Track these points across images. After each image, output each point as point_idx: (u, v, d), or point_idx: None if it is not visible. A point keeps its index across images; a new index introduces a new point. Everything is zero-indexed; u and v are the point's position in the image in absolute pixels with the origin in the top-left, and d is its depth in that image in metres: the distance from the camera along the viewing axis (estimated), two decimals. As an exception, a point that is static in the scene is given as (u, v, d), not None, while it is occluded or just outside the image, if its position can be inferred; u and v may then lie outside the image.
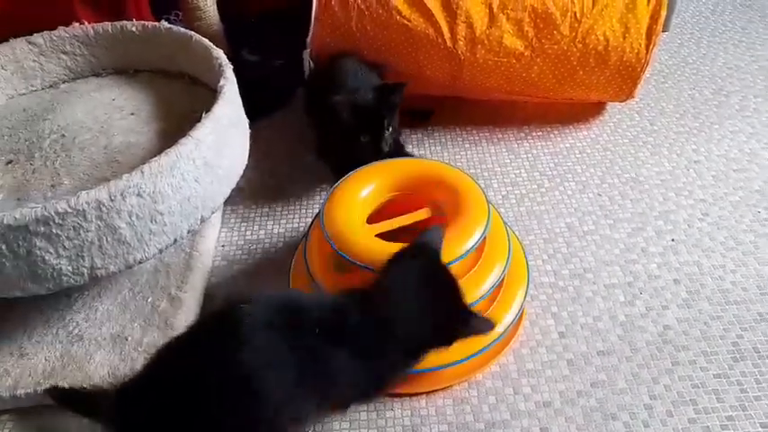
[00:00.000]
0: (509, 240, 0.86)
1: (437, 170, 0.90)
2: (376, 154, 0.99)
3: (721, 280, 0.93)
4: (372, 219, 0.86)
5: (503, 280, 0.83)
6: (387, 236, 0.81)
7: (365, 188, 0.87)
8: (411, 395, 0.80)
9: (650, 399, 0.79)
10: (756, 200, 1.06)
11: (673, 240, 1.00)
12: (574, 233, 1.02)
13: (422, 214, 0.85)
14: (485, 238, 0.81)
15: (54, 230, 0.71)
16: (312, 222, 0.93)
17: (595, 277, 0.94)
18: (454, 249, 0.77)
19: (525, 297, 0.85)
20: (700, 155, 1.17)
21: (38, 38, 1.04)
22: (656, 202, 1.07)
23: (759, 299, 0.90)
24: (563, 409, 0.78)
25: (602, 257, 0.98)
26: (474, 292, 0.78)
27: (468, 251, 0.78)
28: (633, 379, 0.81)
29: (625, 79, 1.17)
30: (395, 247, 0.78)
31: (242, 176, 0.96)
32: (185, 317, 0.87)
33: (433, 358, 0.75)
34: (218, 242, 1.03)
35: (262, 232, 1.05)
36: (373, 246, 0.79)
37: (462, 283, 0.78)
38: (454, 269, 0.77)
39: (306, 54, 1.20)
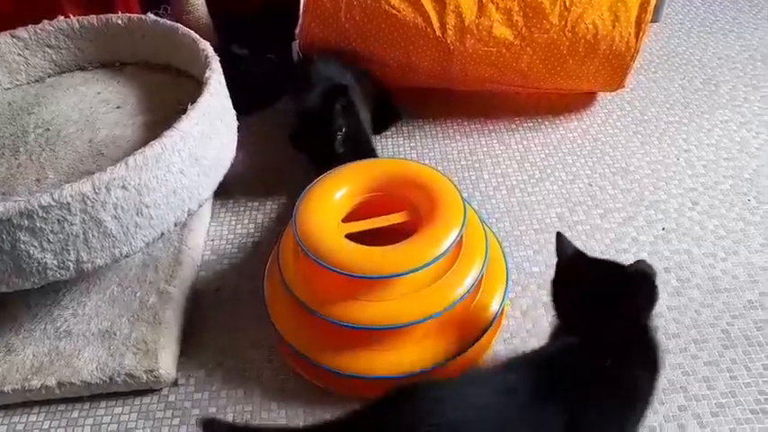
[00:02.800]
0: (486, 239, 0.85)
1: (413, 170, 0.89)
2: (331, 156, 0.98)
3: (712, 268, 0.93)
4: (349, 219, 0.85)
5: (482, 279, 0.82)
6: (362, 237, 0.80)
7: (340, 189, 0.86)
8: None
9: (641, 387, 0.79)
10: (746, 188, 1.06)
11: (663, 229, 1.00)
12: (564, 223, 1.02)
13: (398, 218, 0.84)
14: (462, 237, 0.80)
15: (38, 224, 0.70)
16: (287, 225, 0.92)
17: (586, 267, 0.94)
18: (432, 250, 0.76)
19: (505, 295, 0.84)
20: (690, 144, 1.17)
21: (22, 32, 1.03)
22: (647, 191, 1.07)
23: (749, 286, 0.90)
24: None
25: (592, 247, 0.97)
26: (453, 292, 0.78)
27: (445, 252, 0.77)
28: (624, 367, 0.81)
29: (615, 68, 1.17)
30: (363, 249, 0.77)
31: (231, 170, 0.95)
32: (174, 311, 0.86)
33: (405, 366, 0.76)
34: (207, 236, 1.03)
35: (251, 226, 1.05)
36: (342, 247, 0.78)
37: (440, 284, 0.78)
38: (431, 270, 0.76)
39: (294, 45, 1.19)
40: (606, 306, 0.65)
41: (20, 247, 0.71)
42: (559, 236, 0.73)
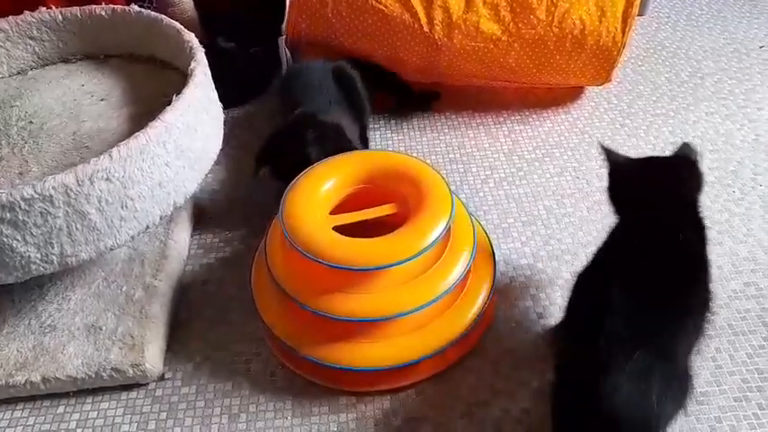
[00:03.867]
0: (474, 231, 0.85)
1: (400, 162, 0.88)
2: None
3: (697, 259, 0.94)
4: (336, 212, 0.84)
5: (469, 271, 0.82)
6: (350, 229, 0.80)
7: (327, 181, 0.85)
8: (376, 392, 0.79)
9: (627, 376, 0.80)
10: (731, 180, 1.07)
11: (649, 221, 1.01)
12: (552, 215, 1.02)
13: (386, 209, 0.83)
14: (449, 229, 0.80)
15: (21, 217, 0.69)
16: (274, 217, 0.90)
17: (573, 259, 0.95)
18: (419, 242, 0.76)
19: (493, 288, 0.84)
20: (676, 136, 1.18)
21: (3, 23, 1.01)
22: (633, 183, 1.08)
23: (733, 276, 0.91)
24: (542, 388, 0.79)
25: (580, 239, 0.98)
26: (440, 284, 0.77)
27: (433, 244, 0.76)
28: (610, 357, 0.82)
29: (602, 63, 1.17)
30: (350, 241, 0.76)
31: (218, 163, 0.95)
32: (161, 305, 0.86)
33: (394, 358, 0.76)
34: (193, 229, 1.02)
35: (238, 218, 1.04)
36: (329, 239, 0.77)
37: (428, 275, 0.78)
38: (419, 262, 0.76)
39: (281, 41, 1.18)
40: (661, 193, 0.74)
41: (2, 241, 0.70)
42: (604, 148, 0.80)
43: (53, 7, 1.03)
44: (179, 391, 0.81)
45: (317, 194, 0.84)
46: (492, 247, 0.90)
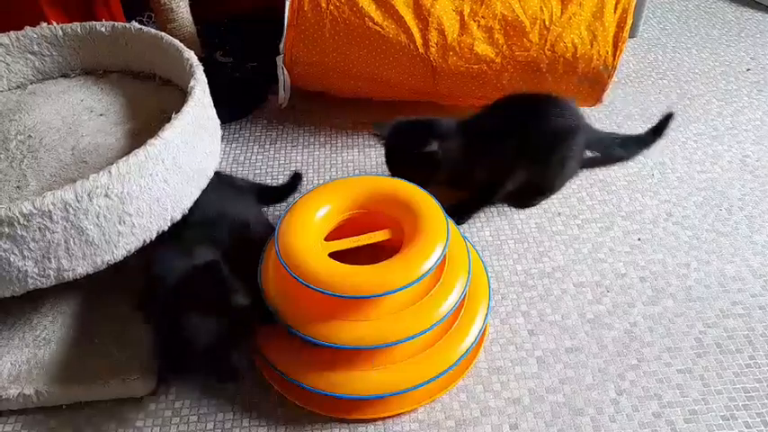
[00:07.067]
0: (469, 256, 0.85)
1: (395, 187, 0.88)
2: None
3: (685, 278, 0.96)
4: (331, 238, 0.83)
5: (465, 297, 0.82)
6: (346, 255, 0.80)
7: (322, 207, 0.85)
8: (375, 419, 0.79)
9: (617, 394, 0.81)
10: (719, 200, 1.09)
11: (639, 240, 1.03)
12: (543, 233, 1.04)
13: (381, 235, 0.83)
14: (445, 256, 0.80)
15: (19, 232, 0.69)
16: (268, 242, 0.89)
17: (564, 276, 0.96)
18: (415, 269, 0.75)
19: (488, 313, 0.84)
20: (665, 157, 1.20)
21: (4, 38, 1.02)
22: (623, 202, 1.10)
23: (721, 296, 0.93)
24: (532, 405, 0.80)
25: (570, 257, 1.00)
26: (436, 311, 0.77)
27: (430, 271, 0.76)
28: (600, 375, 0.83)
29: (593, 85, 1.20)
30: (347, 268, 0.76)
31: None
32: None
33: (396, 382, 0.76)
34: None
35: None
36: (325, 266, 0.76)
37: (425, 302, 0.78)
38: (415, 290, 0.76)
39: (279, 60, 1.20)
40: None
41: (0, 255, 0.70)
42: None
43: (54, 23, 1.04)
44: (172, 405, 0.81)
45: (312, 220, 0.83)
46: (487, 273, 0.89)
